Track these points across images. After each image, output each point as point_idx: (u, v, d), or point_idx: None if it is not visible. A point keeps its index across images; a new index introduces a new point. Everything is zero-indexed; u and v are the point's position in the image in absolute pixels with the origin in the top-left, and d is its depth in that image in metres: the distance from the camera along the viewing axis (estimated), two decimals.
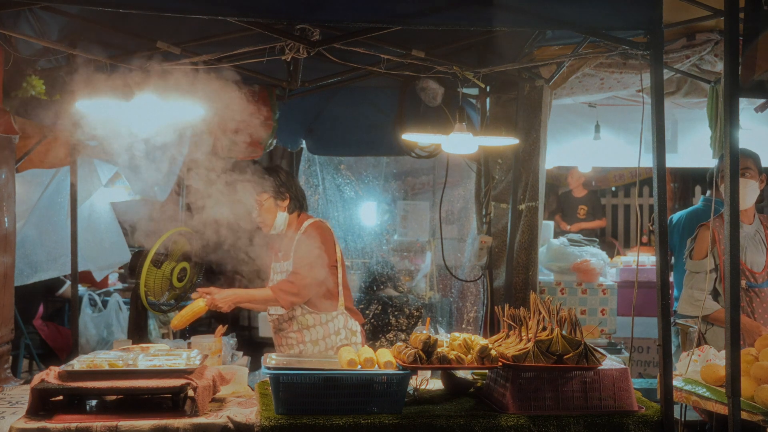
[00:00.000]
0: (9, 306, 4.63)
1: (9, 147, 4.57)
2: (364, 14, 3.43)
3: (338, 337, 4.38)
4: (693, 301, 4.47)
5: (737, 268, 3.21)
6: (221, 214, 4.24)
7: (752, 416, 3.36)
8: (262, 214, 4.38)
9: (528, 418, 3.31)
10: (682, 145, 7.00)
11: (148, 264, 4.35)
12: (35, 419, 3.17)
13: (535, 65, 4.94)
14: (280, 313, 4.41)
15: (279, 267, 4.44)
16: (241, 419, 3.26)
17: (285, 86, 5.36)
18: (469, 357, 3.40)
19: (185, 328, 4.54)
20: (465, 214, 7.30)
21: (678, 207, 10.69)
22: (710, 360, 3.88)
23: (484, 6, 3.36)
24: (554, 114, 5.60)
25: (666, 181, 3.39)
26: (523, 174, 5.43)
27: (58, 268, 5.90)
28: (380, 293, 6.94)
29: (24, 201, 5.46)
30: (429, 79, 5.24)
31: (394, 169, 8.04)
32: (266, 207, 4.38)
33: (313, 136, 6.61)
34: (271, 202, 4.38)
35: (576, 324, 3.44)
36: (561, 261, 6.53)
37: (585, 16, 3.50)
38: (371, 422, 3.22)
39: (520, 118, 5.41)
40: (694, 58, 4.73)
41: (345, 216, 7.71)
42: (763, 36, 3.04)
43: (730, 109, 3.17)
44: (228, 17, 3.52)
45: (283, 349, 4.44)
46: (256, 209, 4.37)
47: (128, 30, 4.57)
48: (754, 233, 4.55)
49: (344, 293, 4.43)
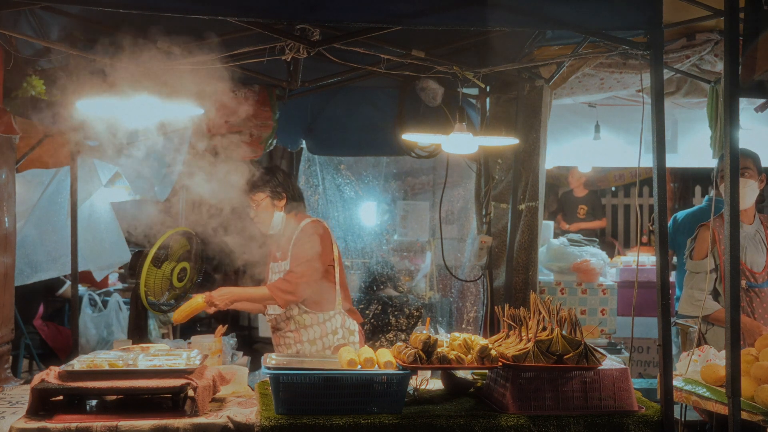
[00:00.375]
0: (9, 306, 4.63)
1: (9, 147, 4.57)
2: (364, 14, 3.43)
3: (336, 336, 4.39)
4: (693, 301, 4.47)
5: (737, 268, 3.21)
6: (220, 214, 4.25)
7: (752, 416, 3.36)
8: (258, 214, 4.39)
9: (528, 418, 3.31)
10: (682, 145, 7.00)
11: (148, 264, 4.35)
12: (35, 419, 3.17)
13: (535, 65, 4.94)
14: (277, 313, 4.41)
15: (277, 267, 4.44)
16: (241, 419, 3.26)
17: (285, 86, 5.36)
18: (469, 357, 3.40)
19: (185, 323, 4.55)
20: (465, 214, 7.30)
21: (678, 207, 10.69)
22: (710, 360, 3.88)
23: (483, 6, 3.36)
24: (554, 114, 5.60)
25: (666, 181, 3.39)
26: (523, 174, 5.43)
27: (58, 268, 5.90)
28: (380, 293, 6.94)
29: (24, 201, 5.46)
30: (429, 79, 5.24)
31: (394, 169, 8.04)
32: (263, 207, 4.38)
33: (313, 136, 6.61)
34: (268, 202, 4.38)
35: (576, 324, 3.44)
36: (561, 261, 6.54)
37: (585, 17, 3.50)
38: (371, 422, 3.22)
39: (520, 118, 5.41)
40: (694, 58, 4.73)
41: (345, 216, 7.71)
42: (763, 36, 3.04)
43: (730, 109, 3.17)
44: (228, 17, 3.51)
45: (281, 349, 4.45)
46: (253, 209, 4.38)
47: (128, 30, 4.57)
48: (754, 233, 4.55)
49: (342, 293, 4.43)
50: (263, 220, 4.40)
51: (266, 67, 4.68)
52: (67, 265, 5.35)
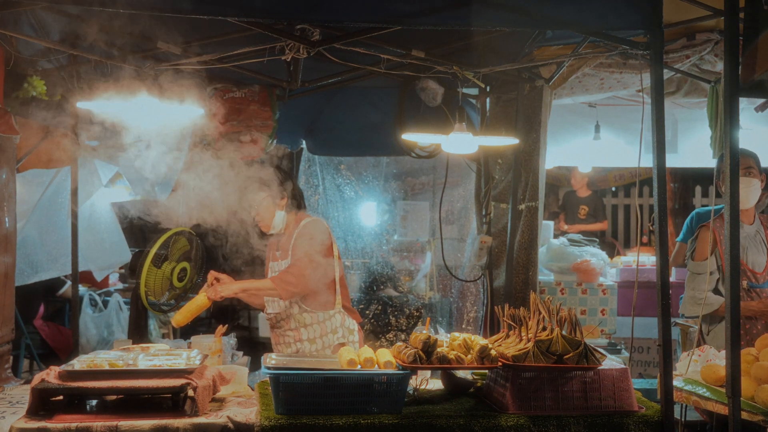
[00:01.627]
0: (9, 306, 4.64)
1: (10, 147, 4.58)
2: (363, 14, 3.43)
3: (335, 335, 4.39)
4: (697, 301, 4.45)
5: (737, 268, 3.21)
6: (221, 213, 4.25)
7: (752, 416, 3.36)
8: (260, 213, 4.40)
9: (528, 418, 3.31)
10: (683, 145, 7.00)
11: (148, 264, 4.35)
12: (35, 419, 3.17)
13: (535, 65, 4.94)
14: (276, 311, 4.42)
15: (277, 266, 4.45)
16: (241, 419, 3.26)
17: (285, 86, 5.37)
18: (469, 357, 3.40)
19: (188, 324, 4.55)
20: (465, 214, 7.30)
21: (678, 207, 10.69)
22: (710, 360, 3.88)
23: (483, 6, 3.36)
24: (554, 114, 5.60)
25: (666, 182, 3.38)
26: (523, 174, 5.43)
27: (58, 268, 5.91)
28: (380, 293, 6.94)
29: (25, 201, 5.47)
30: (429, 79, 5.24)
31: (394, 169, 8.04)
32: (264, 206, 4.39)
33: (313, 136, 6.61)
34: (269, 201, 4.39)
35: (576, 324, 3.44)
36: (561, 261, 6.54)
37: (584, 16, 3.50)
38: (371, 422, 3.22)
39: (520, 118, 5.41)
40: (694, 58, 4.73)
41: (345, 216, 7.71)
42: (763, 36, 3.04)
43: (730, 109, 3.17)
44: (228, 17, 3.51)
45: (281, 347, 4.45)
46: (254, 209, 4.39)
47: (129, 30, 4.57)
48: (754, 233, 4.54)
49: (341, 292, 4.44)
50: (265, 219, 4.41)
51: (266, 67, 4.68)
52: (68, 265, 5.36)
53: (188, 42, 4.51)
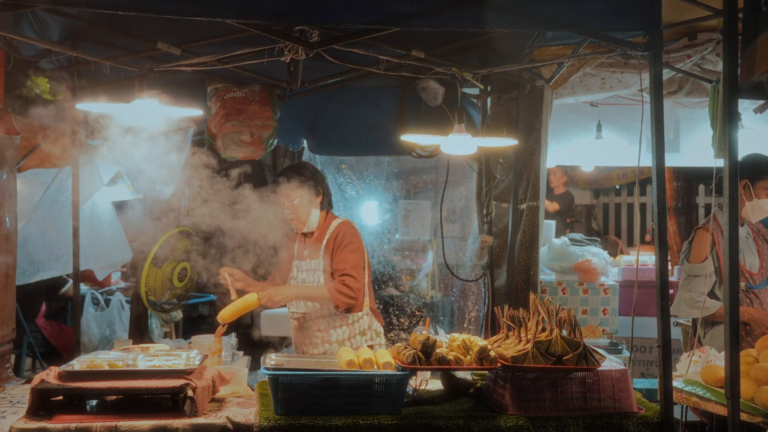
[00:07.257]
0: (10, 305, 4.65)
1: (11, 147, 4.59)
2: (362, 15, 3.42)
3: (363, 338, 4.31)
4: (693, 303, 4.44)
5: (736, 269, 3.20)
6: (222, 213, 4.25)
7: (752, 418, 3.36)
8: (296, 211, 4.27)
9: (527, 419, 3.31)
10: (685, 145, 6.97)
11: (149, 264, 4.36)
12: (35, 419, 3.18)
13: (535, 65, 4.93)
14: (303, 311, 4.32)
15: (305, 266, 4.34)
16: (240, 419, 3.27)
17: (285, 86, 5.37)
18: (468, 358, 3.40)
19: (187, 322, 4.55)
20: (466, 213, 7.29)
21: (681, 206, 10.67)
22: (711, 361, 3.87)
23: (483, 7, 3.36)
24: (556, 113, 5.59)
25: (665, 181, 3.38)
26: (524, 173, 5.42)
27: (60, 267, 5.92)
28: (382, 292, 6.95)
29: (26, 200, 5.48)
30: (430, 78, 5.23)
31: (395, 169, 8.03)
32: (302, 204, 4.27)
33: (314, 136, 6.61)
34: (306, 199, 4.28)
35: (575, 325, 3.44)
36: (562, 260, 6.53)
37: (584, 17, 3.50)
38: (370, 423, 3.23)
39: (521, 117, 5.40)
40: (695, 57, 4.72)
41: (347, 215, 7.68)
42: (763, 37, 3.03)
43: (729, 110, 3.16)
44: (227, 19, 3.51)
45: (306, 348, 4.34)
46: (289, 207, 4.26)
47: (129, 31, 4.58)
48: (746, 236, 4.54)
49: (369, 294, 4.37)
50: (301, 217, 4.28)
51: (267, 67, 4.68)
52: (69, 264, 5.37)
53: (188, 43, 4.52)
